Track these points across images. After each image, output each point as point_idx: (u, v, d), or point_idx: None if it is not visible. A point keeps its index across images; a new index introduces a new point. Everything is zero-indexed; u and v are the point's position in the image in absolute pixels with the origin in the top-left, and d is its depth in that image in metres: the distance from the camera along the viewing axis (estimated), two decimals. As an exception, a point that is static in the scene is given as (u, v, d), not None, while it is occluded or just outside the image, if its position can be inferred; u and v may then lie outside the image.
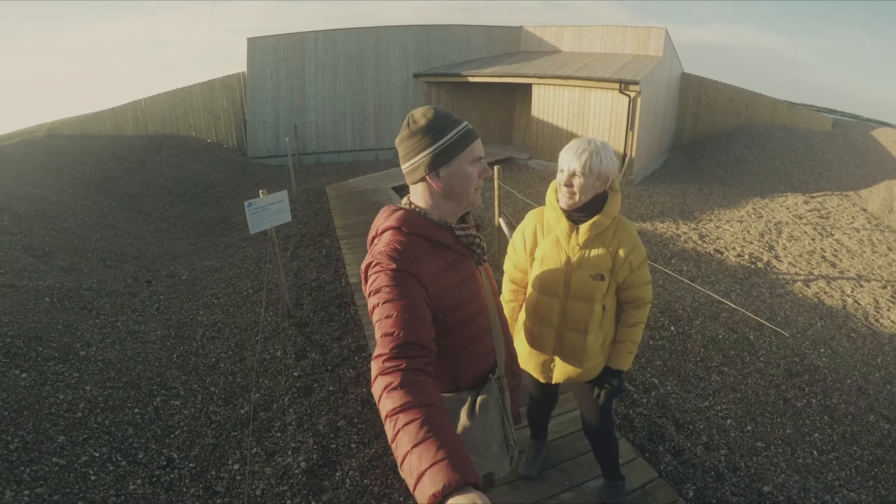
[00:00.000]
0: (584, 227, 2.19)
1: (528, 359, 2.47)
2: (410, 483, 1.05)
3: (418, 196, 1.60)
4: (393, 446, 1.13)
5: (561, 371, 2.41)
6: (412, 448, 1.08)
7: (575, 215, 2.22)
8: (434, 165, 1.52)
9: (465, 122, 1.56)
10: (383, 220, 1.58)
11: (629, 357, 2.39)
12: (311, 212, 9.59)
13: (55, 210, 8.13)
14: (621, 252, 2.22)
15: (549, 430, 3.14)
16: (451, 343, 1.59)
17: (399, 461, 1.10)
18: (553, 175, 2.26)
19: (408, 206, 1.61)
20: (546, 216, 2.34)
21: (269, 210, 4.97)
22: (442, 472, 1.01)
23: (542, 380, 2.50)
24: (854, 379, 5.23)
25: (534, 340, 2.42)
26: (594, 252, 2.21)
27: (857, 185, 13.02)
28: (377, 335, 1.34)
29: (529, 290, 2.41)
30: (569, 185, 2.13)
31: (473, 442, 1.62)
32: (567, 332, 2.32)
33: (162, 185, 11.58)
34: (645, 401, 4.30)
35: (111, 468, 3.35)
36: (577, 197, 2.15)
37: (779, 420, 4.52)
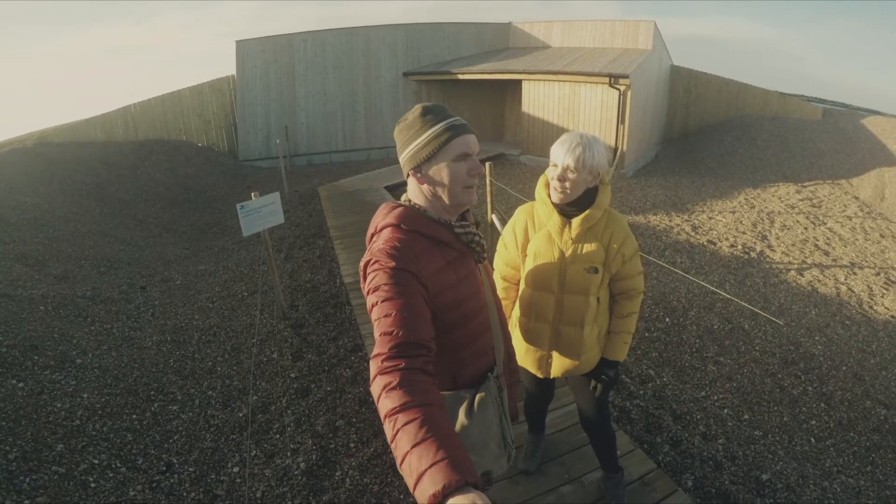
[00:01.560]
0: (576, 221, 2.20)
1: (524, 355, 2.47)
2: (410, 483, 1.04)
3: (413, 192, 1.61)
4: (392, 446, 1.13)
5: (558, 365, 2.42)
6: (412, 448, 1.08)
7: (567, 209, 2.23)
8: (415, 162, 1.52)
9: (453, 118, 1.53)
10: (382, 217, 1.57)
11: (624, 347, 2.41)
12: (303, 213, 9.56)
13: (47, 218, 8.08)
14: (614, 244, 2.23)
15: (546, 424, 3.15)
16: (450, 341, 1.58)
17: (399, 461, 1.10)
18: (545, 169, 2.27)
19: (407, 203, 1.60)
20: (537, 211, 2.34)
21: (261, 212, 4.96)
22: (442, 472, 1.01)
23: (539, 375, 2.50)
24: (849, 366, 5.25)
25: (529, 336, 2.43)
26: (587, 245, 2.22)
27: (848, 174, 13.05)
28: (376, 334, 1.33)
29: (523, 286, 2.42)
30: (562, 179, 2.14)
31: (471, 440, 1.61)
32: (563, 326, 2.33)
33: (154, 191, 11.54)
34: (642, 392, 4.31)
35: (111, 475, 3.34)
36: (570, 191, 2.16)
37: (775, 408, 4.54)
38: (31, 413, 3.66)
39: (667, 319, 5.70)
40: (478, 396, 1.64)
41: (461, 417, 1.62)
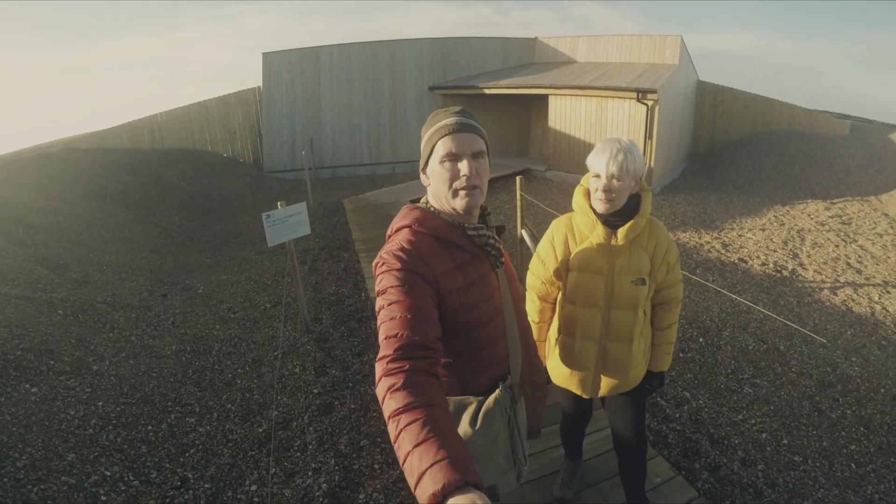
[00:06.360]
0: (622, 231, 2.10)
1: (566, 376, 2.35)
2: (412, 483, 1.05)
3: (429, 194, 1.62)
4: (395, 446, 1.14)
5: (604, 384, 2.30)
6: (413, 448, 1.08)
7: (610, 219, 2.13)
8: (422, 163, 1.58)
9: (449, 119, 1.53)
10: (400, 218, 1.59)
11: (668, 358, 2.36)
12: (328, 225, 9.55)
13: (70, 223, 8.12)
14: (659, 252, 2.16)
15: (584, 449, 3.01)
16: (458, 346, 1.57)
17: (401, 461, 1.11)
18: (572, 185, 2.17)
19: (424, 206, 1.61)
20: (577, 223, 2.22)
21: (287, 222, 4.90)
22: (442, 471, 1.01)
23: (587, 395, 2.37)
24: (888, 388, 5.04)
25: (574, 356, 2.30)
26: (634, 256, 2.13)
27: (877, 190, 12.80)
28: (381, 337, 1.34)
29: (564, 304, 2.30)
30: (608, 189, 2.04)
31: (475, 450, 1.56)
32: (611, 343, 2.22)
33: (178, 199, 11.61)
34: (678, 416, 4.17)
35: (122, 488, 3.25)
36: (615, 200, 2.07)
37: (814, 432, 4.35)
38: (42, 420, 3.60)
39: (700, 340, 5.52)
40: (484, 405, 1.60)
41: (464, 425, 1.58)
